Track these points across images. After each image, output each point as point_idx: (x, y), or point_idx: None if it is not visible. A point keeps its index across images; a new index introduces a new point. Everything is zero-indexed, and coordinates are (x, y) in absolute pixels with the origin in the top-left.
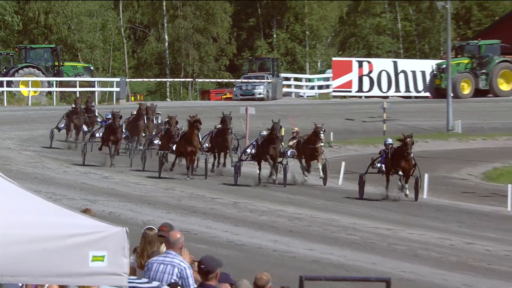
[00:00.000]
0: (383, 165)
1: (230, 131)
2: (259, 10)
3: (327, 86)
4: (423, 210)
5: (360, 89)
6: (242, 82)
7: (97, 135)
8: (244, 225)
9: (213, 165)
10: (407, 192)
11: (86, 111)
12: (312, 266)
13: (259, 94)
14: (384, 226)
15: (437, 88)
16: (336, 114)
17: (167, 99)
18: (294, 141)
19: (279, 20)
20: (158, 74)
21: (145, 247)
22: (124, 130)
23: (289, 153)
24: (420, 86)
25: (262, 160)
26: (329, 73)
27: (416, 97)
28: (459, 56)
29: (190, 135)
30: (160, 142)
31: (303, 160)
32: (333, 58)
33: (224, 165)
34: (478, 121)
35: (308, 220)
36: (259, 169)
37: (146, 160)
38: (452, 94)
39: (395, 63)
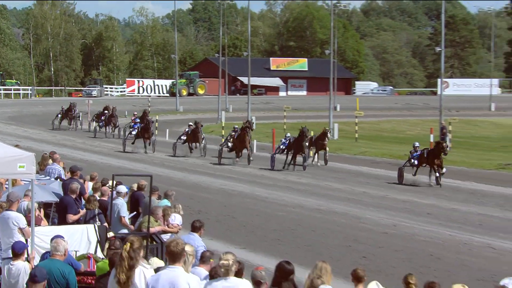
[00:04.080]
0: (416, 161)
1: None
2: None
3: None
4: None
5: (139, 92)
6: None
7: (133, 132)
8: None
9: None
10: (440, 180)
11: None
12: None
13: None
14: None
15: (173, 92)
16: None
17: None
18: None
19: None
20: None
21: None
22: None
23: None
24: (165, 92)
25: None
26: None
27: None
28: (183, 78)
29: (244, 136)
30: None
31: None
32: (127, 79)
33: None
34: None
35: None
36: (286, 157)
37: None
38: (178, 95)
39: (154, 81)
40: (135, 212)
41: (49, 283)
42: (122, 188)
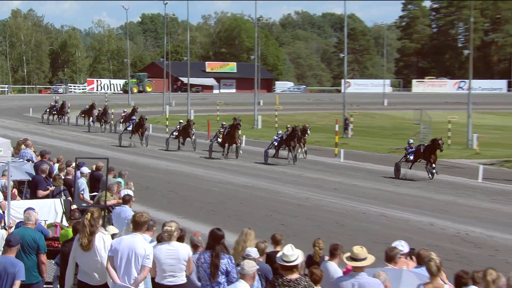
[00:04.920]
0: (411, 156)
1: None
2: None
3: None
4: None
5: (97, 89)
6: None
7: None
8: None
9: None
10: (435, 174)
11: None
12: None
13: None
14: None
15: (125, 89)
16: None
17: None
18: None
19: None
20: None
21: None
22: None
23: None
24: (119, 90)
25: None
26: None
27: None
28: (134, 78)
29: (234, 132)
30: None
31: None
32: (87, 79)
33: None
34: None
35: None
36: (289, 151)
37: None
38: (130, 92)
39: (110, 81)
40: (95, 193)
41: (23, 247)
42: (85, 169)
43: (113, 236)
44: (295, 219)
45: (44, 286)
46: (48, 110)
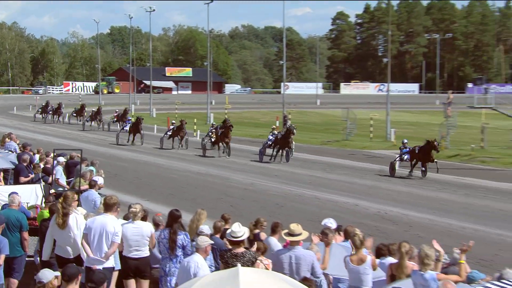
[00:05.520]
0: (407, 156)
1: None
2: None
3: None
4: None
5: (72, 91)
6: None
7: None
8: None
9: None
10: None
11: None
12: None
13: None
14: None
15: (97, 91)
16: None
17: None
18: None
19: None
20: None
21: None
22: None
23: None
24: (91, 91)
25: (281, 147)
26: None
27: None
28: (104, 81)
29: (227, 132)
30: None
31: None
32: (64, 81)
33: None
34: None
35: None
36: (276, 151)
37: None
38: (101, 93)
39: (83, 83)
40: (71, 178)
41: (8, 225)
42: (61, 159)
43: (86, 216)
44: (242, 201)
45: (26, 258)
46: (40, 110)
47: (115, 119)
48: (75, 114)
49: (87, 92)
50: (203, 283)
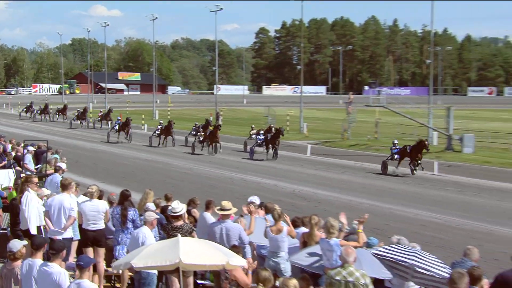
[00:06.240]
0: (397, 156)
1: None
2: None
3: (30, 90)
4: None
5: (40, 92)
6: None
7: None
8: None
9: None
10: (416, 171)
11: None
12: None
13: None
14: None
15: (60, 92)
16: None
17: None
18: (254, 131)
19: None
20: None
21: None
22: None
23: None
24: (55, 92)
25: (270, 145)
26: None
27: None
28: (66, 84)
29: (216, 132)
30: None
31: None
32: (33, 84)
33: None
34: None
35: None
36: (267, 149)
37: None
38: (64, 93)
39: (49, 85)
40: (39, 165)
41: None
42: (30, 148)
43: (49, 196)
44: (182, 183)
45: (1, 231)
46: (25, 109)
47: (99, 118)
48: (58, 113)
49: (52, 92)
50: (149, 250)
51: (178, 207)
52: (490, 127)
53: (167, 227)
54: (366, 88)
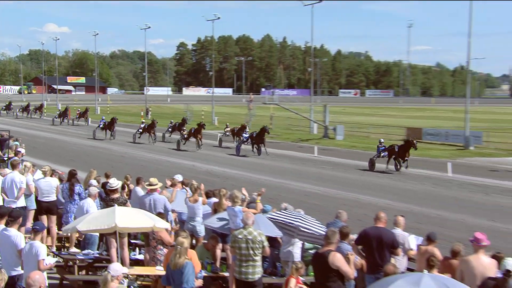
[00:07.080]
0: (385, 153)
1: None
2: None
3: None
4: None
5: (3, 92)
6: None
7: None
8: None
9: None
10: (405, 168)
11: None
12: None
13: None
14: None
15: (20, 92)
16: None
17: None
18: (228, 128)
19: None
20: None
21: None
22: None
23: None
24: (16, 92)
25: (256, 143)
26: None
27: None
28: (25, 85)
29: (200, 130)
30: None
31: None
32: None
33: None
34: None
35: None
36: (253, 146)
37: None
38: (23, 93)
39: (11, 87)
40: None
41: None
42: None
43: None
44: (119, 164)
45: None
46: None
47: (77, 116)
48: (36, 110)
49: (13, 93)
50: (92, 217)
51: (115, 182)
52: (356, 120)
53: (106, 199)
54: (263, 89)
